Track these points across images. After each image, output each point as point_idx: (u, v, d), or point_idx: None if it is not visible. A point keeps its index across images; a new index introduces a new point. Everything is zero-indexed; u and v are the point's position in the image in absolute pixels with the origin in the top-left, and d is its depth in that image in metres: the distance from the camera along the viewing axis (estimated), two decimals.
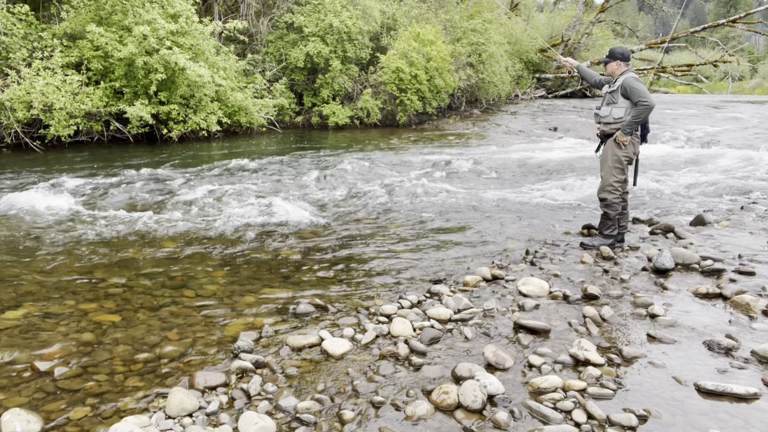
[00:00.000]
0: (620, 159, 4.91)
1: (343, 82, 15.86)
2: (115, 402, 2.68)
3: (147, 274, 4.43)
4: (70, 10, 11.52)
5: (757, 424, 2.45)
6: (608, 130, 4.98)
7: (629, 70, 4.92)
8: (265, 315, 3.67)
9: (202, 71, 11.12)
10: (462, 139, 13.41)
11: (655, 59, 27.91)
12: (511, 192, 7.53)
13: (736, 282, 4.10)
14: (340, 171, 8.85)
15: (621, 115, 4.85)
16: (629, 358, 3.03)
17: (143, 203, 6.75)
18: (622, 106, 4.84)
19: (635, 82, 4.74)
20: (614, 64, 4.96)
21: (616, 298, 3.90)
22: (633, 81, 4.75)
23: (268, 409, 2.59)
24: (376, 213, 6.49)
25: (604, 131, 5.04)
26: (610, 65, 4.99)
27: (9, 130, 10.24)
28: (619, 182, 4.95)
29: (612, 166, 4.93)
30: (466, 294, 3.99)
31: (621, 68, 4.93)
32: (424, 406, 2.58)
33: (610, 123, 4.95)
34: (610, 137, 4.98)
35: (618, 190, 4.94)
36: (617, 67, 4.95)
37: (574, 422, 2.48)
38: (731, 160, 9.79)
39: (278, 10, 16.38)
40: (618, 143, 4.88)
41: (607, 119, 4.96)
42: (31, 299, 3.87)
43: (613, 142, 4.92)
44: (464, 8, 20.73)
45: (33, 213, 6.15)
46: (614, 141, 4.89)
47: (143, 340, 3.31)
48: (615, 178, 4.93)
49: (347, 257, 4.92)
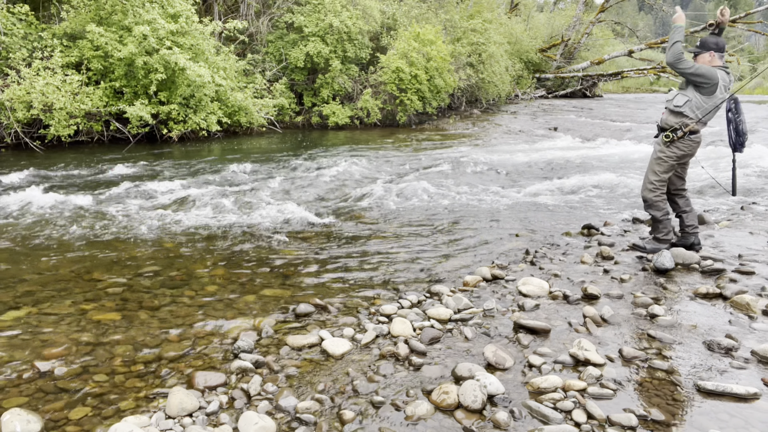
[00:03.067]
0: (663, 158, 4.49)
1: (343, 82, 15.86)
2: (115, 402, 2.68)
3: (147, 273, 4.43)
4: (70, 10, 11.52)
5: (757, 424, 2.45)
6: (662, 124, 4.54)
7: (721, 66, 4.34)
8: (265, 315, 3.67)
9: (202, 71, 11.12)
10: (462, 139, 13.40)
11: (655, 59, 27.89)
12: (511, 192, 7.53)
13: (736, 282, 4.10)
14: (340, 171, 8.85)
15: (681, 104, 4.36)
16: (629, 358, 3.03)
17: (143, 203, 6.74)
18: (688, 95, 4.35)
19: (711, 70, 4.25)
20: (706, 56, 4.35)
21: (617, 298, 3.90)
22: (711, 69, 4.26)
23: (268, 409, 2.59)
24: (376, 213, 6.49)
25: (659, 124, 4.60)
26: (700, 58, 4.38)
27: (9, 130, 10.24)
28: (659, 181, 4.54)
29: (654, 162, 4.55)
30: (466, 294, 3.99)
31: (714, 61, 4.34)
32: (424, 406, 2.58)
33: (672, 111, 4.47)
34: (662, 130, 4.54)
35: (659, 189, 4.56)
36: (710, 59, 4.36)
37: (574, 422, 2.48)
38: (731, 159, 9.78)
39: (278, 10, 16.38)
40: (663, 140, 4.45)
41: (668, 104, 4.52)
42: (31, 299, 3.87)
43: (661, 138, 4.50)
44: (464, 8, 20.73)
45: (33, 213, 6.15)
46: (662, 137, 4.46)
47: (143, 340, 3.31)
48: (656, 176, 4.54)
49: (347, 257, 4.92)
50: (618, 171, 8.93)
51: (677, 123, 4.38)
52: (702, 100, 4.29)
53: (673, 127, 4.39)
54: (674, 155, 4.46)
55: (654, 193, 4.55)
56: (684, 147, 4.43)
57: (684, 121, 4.34)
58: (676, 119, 4.39)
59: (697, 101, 4.30)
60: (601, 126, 16.05)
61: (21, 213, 6.16)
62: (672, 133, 4.40)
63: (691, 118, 4.33)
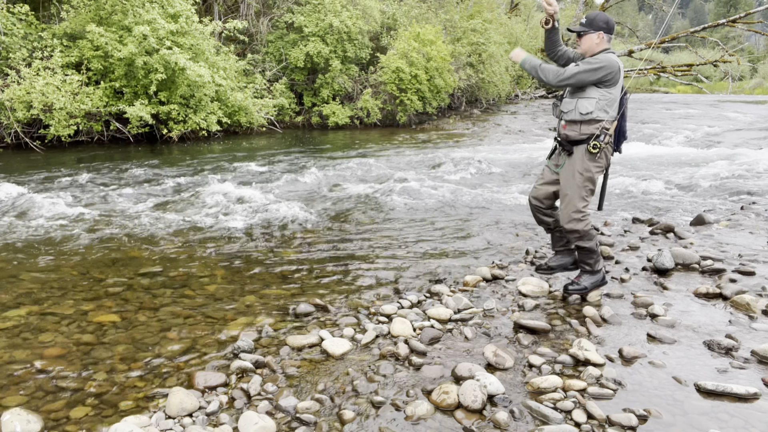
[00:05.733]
0: (592, 175, 3.63)
1: (343, 82, 15.86)
2: (115, 402, 2.68)
3: (147, 273, 4.43)
4: (70, 10, 11.52)
5: (757, 424, 2.45)
6: (575, 136, 3.63)
7: (610, 49, 3.60)
8: (265, 315, 3.67)
9: (202, 71, 11.12)
10: (462, 139, 13.40)
11: (655, 59, 27.91)
12: (511, 192, 7.53)
13: (736, 282, 4.10)
14: (340, 171, 8.85)
15: (591, 109, 3.53)
16: (629, 358, 3.03)
17: (143, 203, 6.74)
18: (593, 96, 3.53)
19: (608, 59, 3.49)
20: (594, 37, 3.57)
21: (617, 298, 3.90)
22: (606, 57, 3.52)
23: (268, 409, 2.59)
24: (376, 213, 6.49)
25: (568, 135, 3.66)
26: (587, 38, 3.59)
27: (9, 130, 10.24)
28: (588, 206, 3.69)
29: (581, 185, 3.64)
30: (466, 294, 3.99)
31: (603, 44, 3.58)
32: (424, 406, 2.58)
33: (576, 121, 3.61)
34: (577, 144, 3.64)
35: (588, 216, 3.69)
36: (598, 41, 3.57)
37: (574, 422, 2.48)
38: (731, 159, 9.79)
39: (278, 10, 16.38)
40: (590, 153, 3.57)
41: (571, 115, 3.61)
42: (31, 299, 3.87)
43: (585, 151, 3.60)
44: (464, 8, 20.73)
45: (33, 213, 6.15)
46: (588, 149, 3.57)
47: (143, 340, 3.31)
48: (584, 202, 3.66)
49: (347, 257, 4.92)
50: (618, 171, 8.93)
51: (596, 129, 3.55)
52: (608, 92, 3.53)
53: (594, 134, 3.56)
54: (603, 166, 3.67)
55: (583, 222, 3.67)
56: (608, 153, 3.67)
57: (602, 125, 3.54)
58: (592, 126, 3.57)
59: (605, 98, 3.53)
60: None
61: (21, 213, 6.16)
62: (597, 140, 3.54)
63: (606, 120, 3.55)
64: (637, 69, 5.92)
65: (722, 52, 22.79)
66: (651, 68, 23.94)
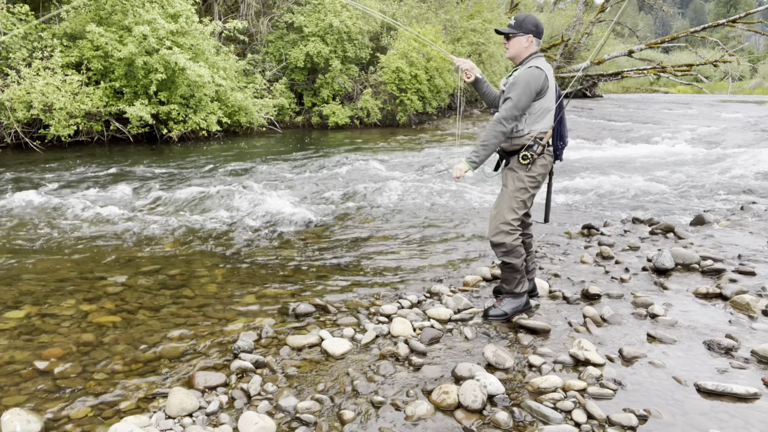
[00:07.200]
0: (525, 186, 3.38)
1: (343, 82, 15.86)
2: (115, 402, 2.68)
3: (147, 273, 4.43)
4: (70, 10, 11.51)
5: (757, 424, 2.45)
6: (507, 147, 3.44)
7: (538, 54, 3.38)
8: (265, 315, 3.67)
9: (202, 71, 11.12)
10: (462, 138, 13.40)
11: (655, 59, 27.90)
12: None
13: (736, 282, 4.10)
14: (340, 171, 8.85)
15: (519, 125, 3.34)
16: (629, 358, 3.03)
17: (143, 203, 6.74)
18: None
19: (528, 74, 3.21)
20: (523, 40, 3.30)
21: (617, 298, 3.90)
22: (526, 73, 3.22)
23: (268, 409, 2.59)
24: (376, 213, 6.49)
25: (502, 146, 3.47)
26: (515, 41, 3.32)
27: (9, 130, 10.23)
28: (517, 219, 3.39)
29: (512, 195, 3.39)
30: (466, 294, 3.99)
31: (531, 48, 3.33)
32: (424, 406, 2.57)
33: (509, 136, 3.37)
34: (512, 154, 3.44)
35: (517, 230, 3.40)
36: (527, 45, 3.31)
37: (574, 422, 2.48)
38: (731, 159, 9.80)
39: (278, 10, 16.39)
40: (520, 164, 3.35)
41: None
42: (31, 299, 3.87)
43: (516, 162, 3.40)
44: (464, 8, 20.72)
45: (33, 213, 6.15)
46: (518, 160, 3.36)
47: (143, 340, 3.31)
48: (514, 214, 3.37)
49: (347, 257, 4.92)
50: (618, 171, 8.94)
51: (528, 139, 3.34)
52: (537, 104, 3.30)
53: (525, 144, 3.34)
54: (537, 176, 3.39)
55: (512, 236, 3.36)
56: (546, 162, 3.42)
57: (534, 136, 3.33)
58: (523, 138, 3.36)
59: (534, 112, 3.31)
60: (600, 126, 16.06)
61: (21, 213, 6.16)
62: (527, 151, 3.32)
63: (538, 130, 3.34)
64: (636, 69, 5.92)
65: (722, 52, 22.80)
66: (651, 68, 23.95)
